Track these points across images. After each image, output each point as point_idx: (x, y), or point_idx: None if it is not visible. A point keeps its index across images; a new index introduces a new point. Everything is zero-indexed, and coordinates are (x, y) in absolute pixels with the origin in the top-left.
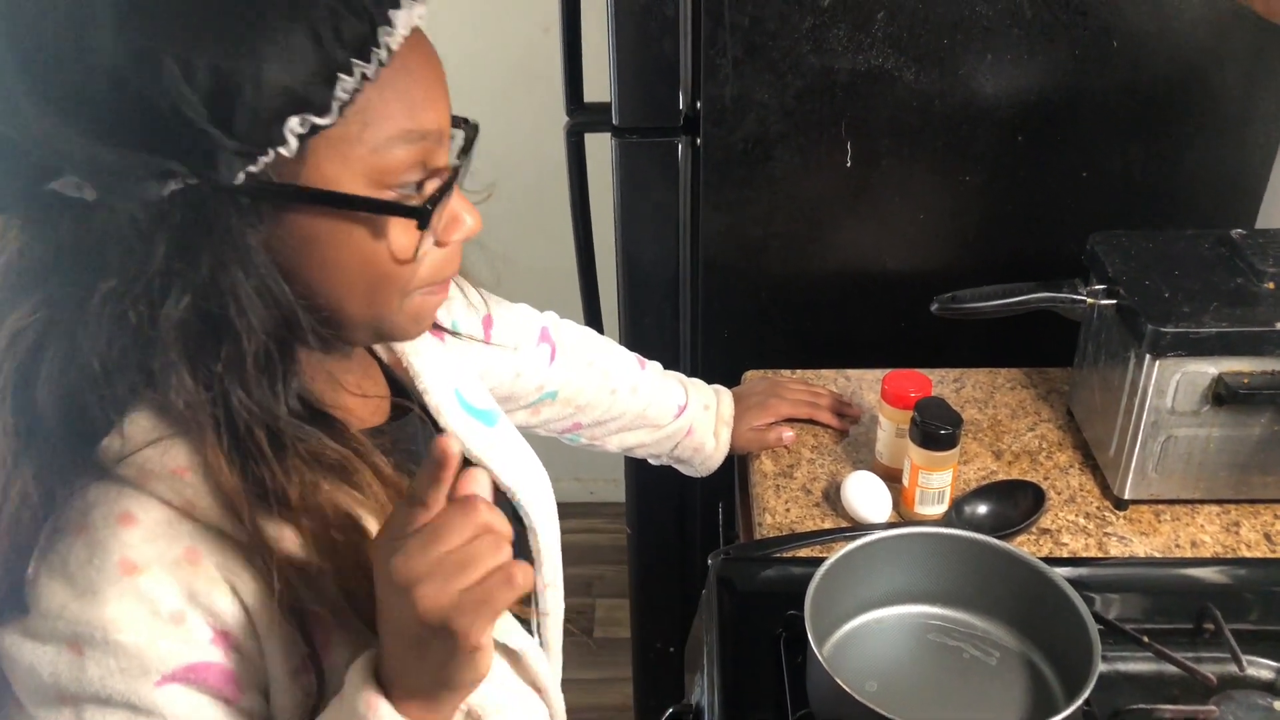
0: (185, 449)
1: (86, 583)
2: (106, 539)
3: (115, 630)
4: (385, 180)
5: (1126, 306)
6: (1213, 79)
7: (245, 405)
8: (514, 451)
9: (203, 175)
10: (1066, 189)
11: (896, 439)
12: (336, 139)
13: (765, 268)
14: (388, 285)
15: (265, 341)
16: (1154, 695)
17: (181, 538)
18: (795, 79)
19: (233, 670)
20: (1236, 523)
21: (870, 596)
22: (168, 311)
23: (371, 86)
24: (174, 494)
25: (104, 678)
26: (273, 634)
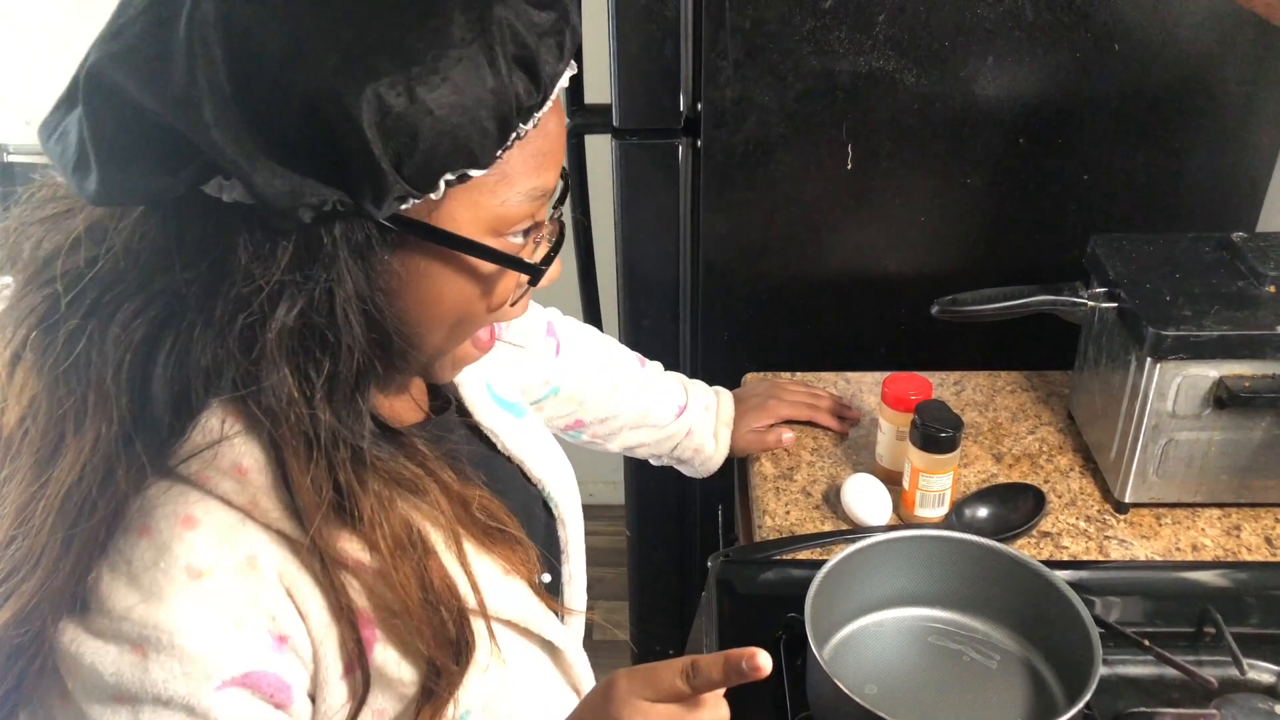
0: (249, 448)
1: (153, 585)
2: (170, 542)
3: (180, 635)
4: (501, 229)
5: (1127, 310)
6: (1214, 82)
7: (334, 421)
8: (542, 444)
9: (360, 206)
10: (1068, 192)
11: (897, 442)
12: (473, 187)
13: (766, 270)
14: (471, 323)
15: (362, 362)
16: (1154, 698)
17: (242, 543)
18: (796, 81)
19: (287, 677)
20: (1237, 526)
21: (870, 599)
22: (280, 318)
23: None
24: (235, 494)
25: (166, 681)
26: (327, 636)
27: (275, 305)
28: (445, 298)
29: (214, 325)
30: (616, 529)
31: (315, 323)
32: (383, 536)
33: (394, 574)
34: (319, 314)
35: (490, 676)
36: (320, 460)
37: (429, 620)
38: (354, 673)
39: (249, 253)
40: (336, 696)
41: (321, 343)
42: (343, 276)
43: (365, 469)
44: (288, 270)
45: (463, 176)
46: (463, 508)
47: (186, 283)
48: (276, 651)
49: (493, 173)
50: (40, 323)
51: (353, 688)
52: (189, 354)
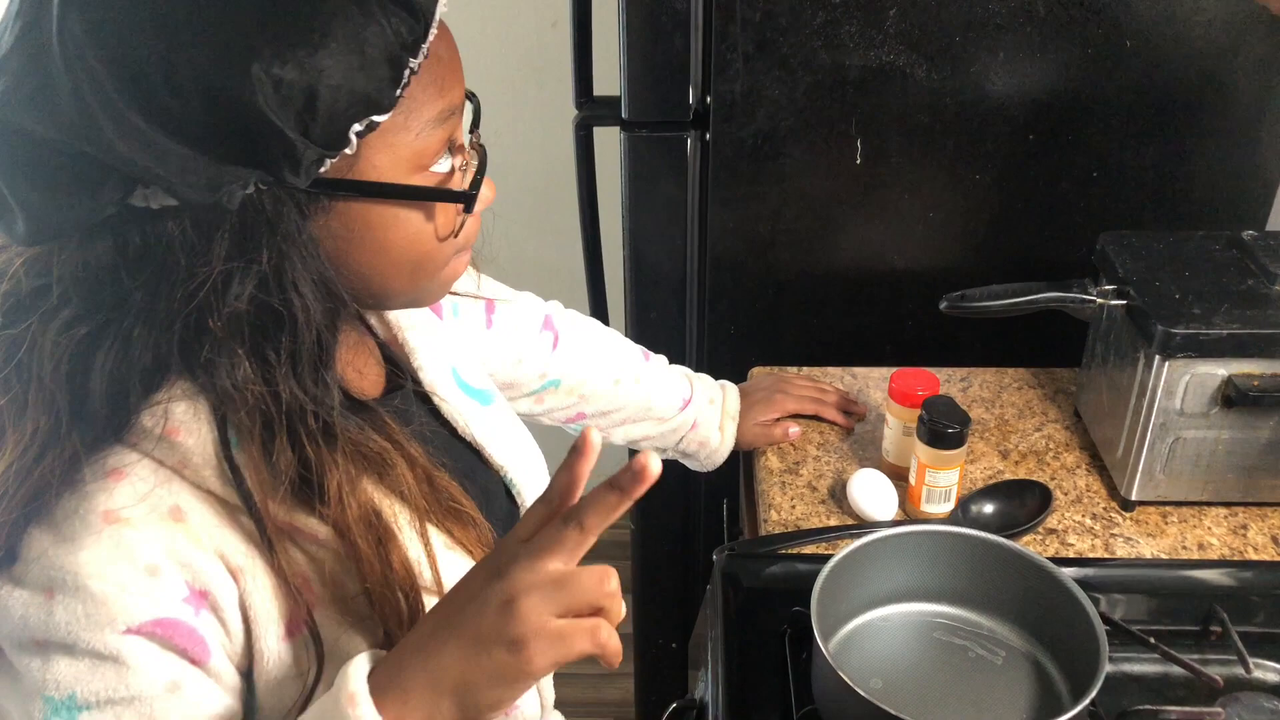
0: (185, 416)
1: (69, 531)
2: (94, 491)
3: (86, 576)
4: (423, 162)
5: (1136, 307)
6: (1225, 79)
7: (301, 396)
8: (509, 432)
9: (279, 178)
10: (1077, 188)
11: (903, 437)
12: (385, 130)
13: (773, 264)
14: (431, 260)
15: (320, 331)
16: (1160, 697)
17: (169, 495)
18: (806, 75)
19: (204, 634)
20: (1244, 525)
21: (876, 594)
22: (230, 305)
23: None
24: (165, 453)
25: (69, 624)
26: (263, 598)
27: (225, 294)
28: (391, 244)
29: (158, 325)
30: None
31: (266, 303)
32: (347, 515)
33: (356, 551)
34: (268, 294)
35: None
36: (283, 439)
37: (384, 597)
38: (298, 635)
39: (188, 251)
40: (281, 658)
41: (276, 321)
42: (285, 252)
43: (335, 443)
44: (229, 259)
45: (370, 125)
46: (429, 485)
47: (131, 290)
48: (191, 604)
49: (398, 111)
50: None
51: (298, 654)
52: (127, 352)
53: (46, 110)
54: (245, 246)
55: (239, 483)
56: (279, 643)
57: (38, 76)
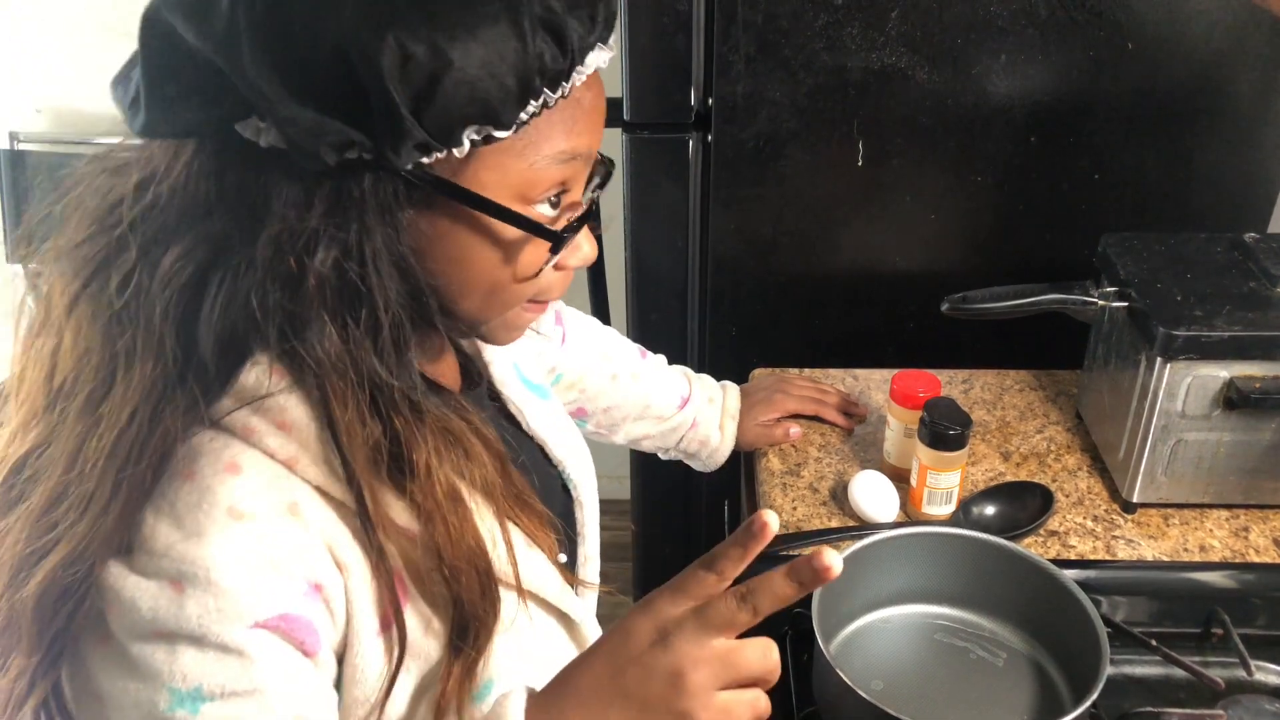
0: (294, 405)
1: (194, 525)
2: (214, 485)
3: (218, 571)
4: (529, 195)
5: (1138, 309)
6: (1227, 82)
7: (384, 371)
8: (564, 427)
9: (381, 153)
10: (1079, 190)
11: (905, 439)
12: (501, 150)
13: (775, 266)
14: (504, 293)
15: (399, 315)
16: (1161, 699)
17: (285, 491)
18: (808, 77)
19: (318, 626)
20: (1246, 528)
21: (877, 596)
22: (316, 266)
23: (547, 110)
24: (279, 447)
25: (201, 616)
26: (364, 592)
27: (313, 252)
28: (470, 260)
29: (256, 268)
30: (621, 524)
31: (349, 272)
32: (436, 490)
33: (445, 529)
34: (352, 264)
35: (511, 646)
36: (372, 409)
37: (463, 577)
38: (389, 630)
39: (282, 198)
40: (371, 653)
41: (356, 293)
42: (371, 229)
43: (422, 419)
44: (322, 219)
45: (488, 137)
46: (503, 471)
47: (228, 226)
48: (310, 599)
49: (520, 137)
50: (98, 268)
51: (388, 646)
52: (235, 296)
53: (201, 19)
54: (336, 213)
55: (345, 465)
56: (372, 637)
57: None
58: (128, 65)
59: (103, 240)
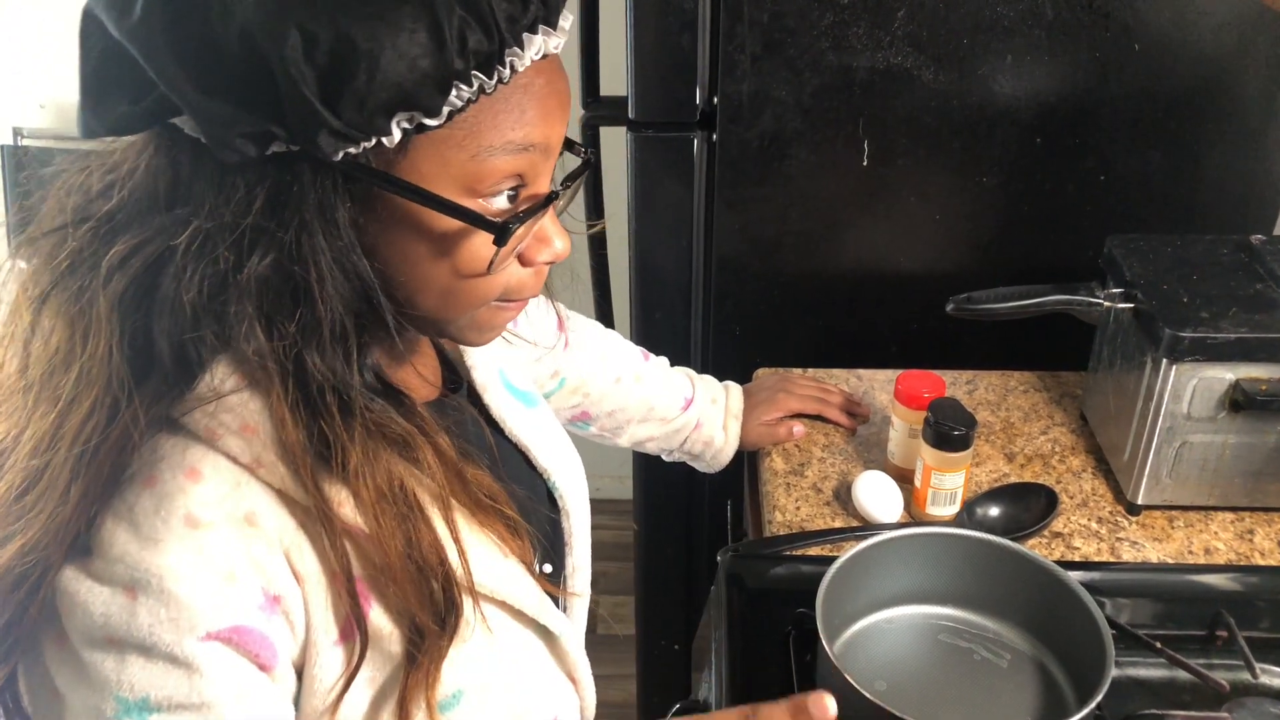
0: (256, 406)
1: (150, 531)
2: (173, 492)
3: (171, 580)
4: (477, 188)
5: (1144, 310)
6: (1234, 84)
7: (317, 367)
8: (551, 435)
9: (303, 146)
10: (1084, 192)
11: (909, 439)
12: (439, 140)
13: (779, 265)
14: (461, 292)
15: (342, 312)
16: (1166, 701)
17: (245, 499)
18: (813, 76)
19: (274, 639)
20: (1250, 530)
21: (881, 596)
22: (252, 264)
23: (486, 98)
24: (240, 451)
25: (152, 625)
26: (322, 601)
27: (250, 250)
28: (416, 257)
29: (196, 263)
30: (623, 524)
31: (289, 271)
32: (366, 487)
33: (378, 527)
34: (291, 262)
35: (482, 657)
36: (305, 403)
37: (413, 581)
38: (350, 639)
39: (222, 193)
40: (330, 663)
41: (294, 291)
42: (310, 225)
43: (353, 419)
44: (262, 215)
45: (420, 126)
46: (457, 477)
47: (175, 221)
48: (266, 611)
49: (458, 127)
50: (64, 266)
51: (347, 655)
52: (179, 290)
53: (120, 10)
54: (277, 210)
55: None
56: (330, 646)
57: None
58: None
59: (68, 235)
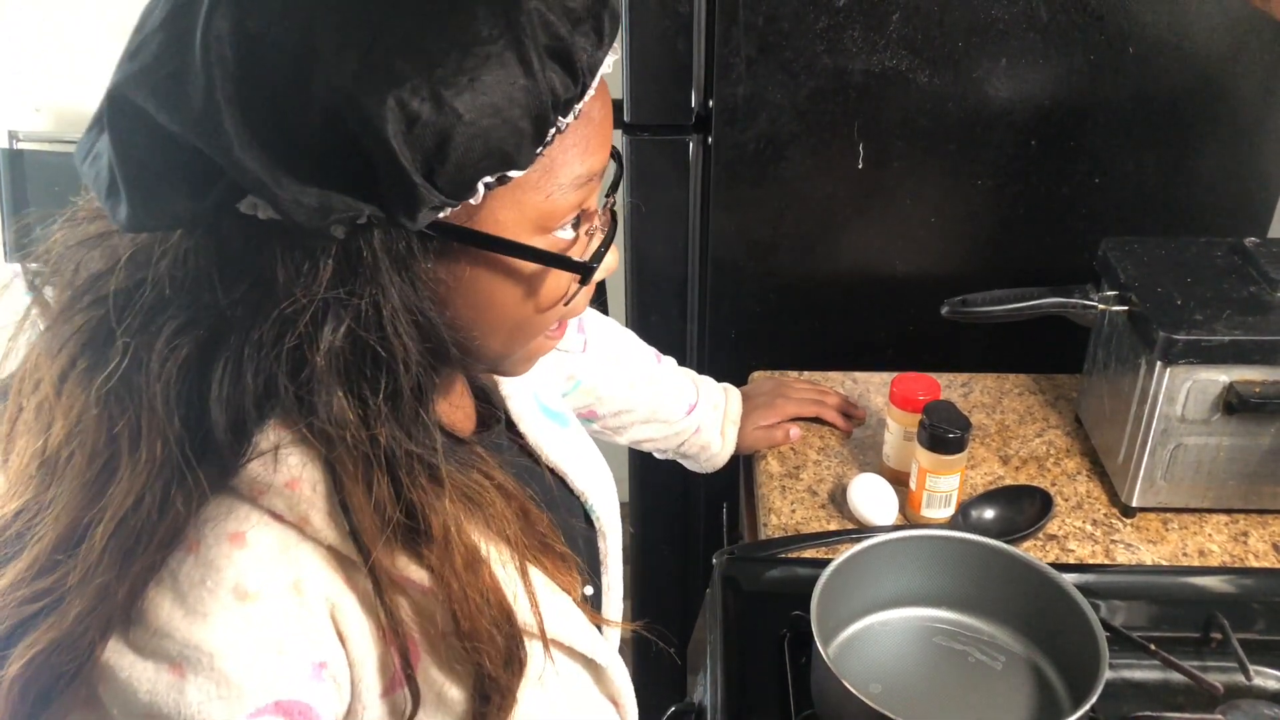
0: (303, 463)
1: (198, 603)
2: (218, 559)
3: (221, 657)
4: (549, 225)
5: (1138, 313)
6: (1228, 86)
7: (404, 439)
8: (585, 453)
9: (393, 217)
10: (1079, 194)
11: (904, 442)
12: (515, 186)
13: (774, 268)
14: (530, 325)
15: (420, 374)
16: (1160, 703)
17: (291, 564)
18: (808, 79)
19: (319, 707)
20: (1245, 532)
21: (876, 598)
22: (327, 338)
23: (558, 135)
24: (287, 510)
25: (201, 704)
26: (367, 657)
27: (321, 325)
28: (496, 302)
29: (261, 347)
30: None
31: (365, 340)
32: (454, 557)
33: (462, 594)
34: (367, 330)
35: (535, 697)
36: (383, 481)
37: (488, 641)
38: (396, 692)
39: (288, 271)
40: (374, 716)
41: (374, 360)
42: (387, 289)
43: (441, 488)
44: (330, 287)
45: (502, 178)
46: (524, 520)
47: (231, 303)
48: (314, 679)
49: (534, 169)
50: (88, 343)
51: (394, 707)
52: (241, 375)
53: (175, 100)
54: (348, 278)
55: (353, 529)
56: (376, 700)
57: (173, 64)
58: (90, 134)
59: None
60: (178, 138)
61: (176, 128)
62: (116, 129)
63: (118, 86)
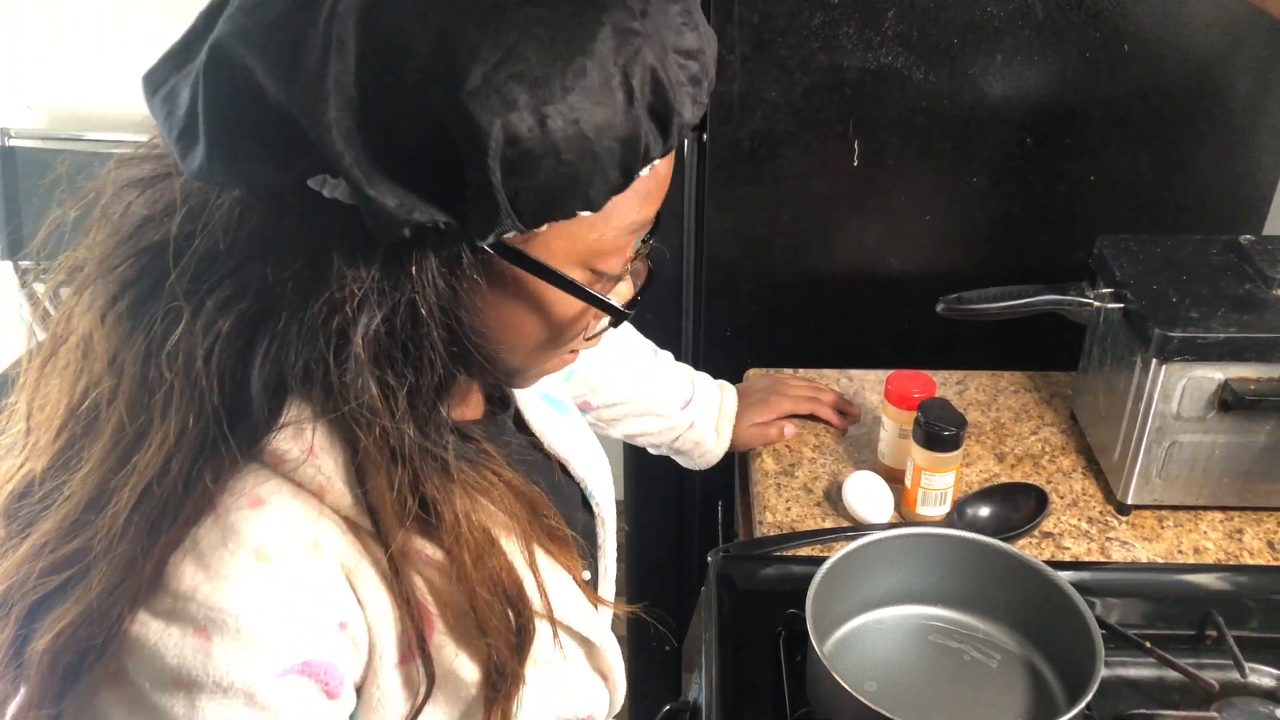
0: (325, 435)
1: (220, 566)
2: (238, 522)
3: (247, 618)
4: (593, 263)
5: (1133, 311)
6: (1223, 84)
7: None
8: (584, 441)
9: (462, 229)
10: (1074, 192)
11: (899, 439)
12: (574, 222)
13: (769, 266)
14: (550, 349)
15: (442, 375)
16: (1155, 701)
17: (309, 526)
18: (803, 76)
19: (341, 666)
20: (1240, 530)
21: (871, 596)
22: (364, 325)
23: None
24: (307, 478)
25: (229, 665)
26: (384, 624)
27: (361, 312)
28: (526, 323)
29: (306, 325)
30: None
31: (398, 334)
32: (465, 546)
33: (475, 577)
34: (402, 325)
35: (538, 675)
36: (405, 474)
37: (500, 621)
38: (410, 663)
39: (342, 257)
40: (390, 684)
41: (404, 354)
42: (427, 291)
43: (453, 483)
44: (378, 279)
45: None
46: (529, 507)
47: (279, 279)
48: (334, 638)
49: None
50: (125, 289)
51: (408, 679)
52: (285, 352)
53: (286, 68)
54: (395, 273)
55: (371, 509)
56: (392, 670)
57: (293, 32)
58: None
59: (137, 267)
60: (276, 104)
61: (280, 95)
62: (213, 79)
63: (227, 36)
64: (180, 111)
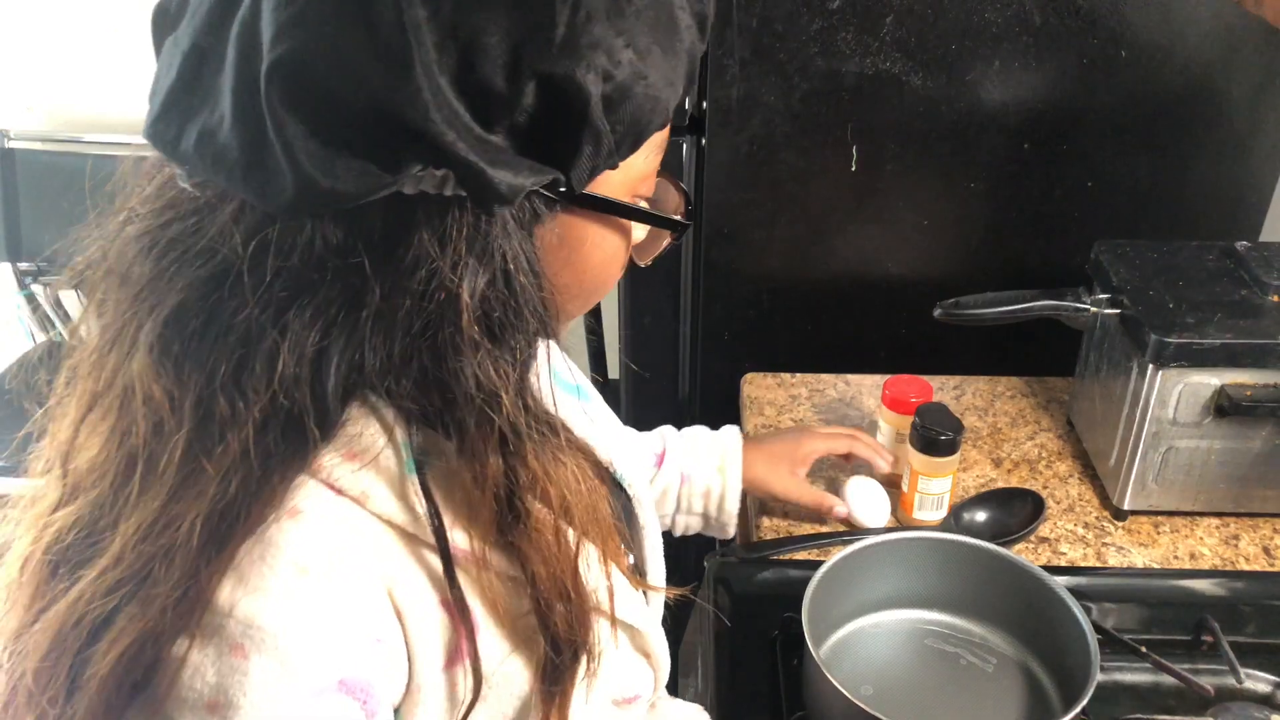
0: (368, 434)
1: (257, 581)
2: (275, 535)
3: (284, 634)
4: (638, 189)
5: (1130, 316)
6: (1220, 91)
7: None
8: (605, 421)
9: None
10: (1071, 198)
11: (896, 444)
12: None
13: (767, 270)
14: (604, 285)
15: (533, 337)
16: (1151, 706)
17: (349, 535)
18: (802, 81)
19: (377, 684)
20: (1236, 536)
21: (868, 600)
22: (467, 304)
23: None
24: (348, 484)
25: (266, 684)
26: (426, 631)
27: (460, 291)
28: (593, 261)
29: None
30: None
31: (496, 305)
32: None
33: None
34: (497, 297)
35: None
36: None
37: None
38: (458, 665)
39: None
40: (432, 686)
41: (503, 326)
42: (516, 252)
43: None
44: (463, 251)
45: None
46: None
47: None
48: (371, 655)
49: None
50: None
51: (452, 681)
52: (373, 356)
53: (356, 60)
54: (476, 241)
55: (431, 510)
56: (438, 674)
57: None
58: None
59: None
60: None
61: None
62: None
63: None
64: (232, 148)
